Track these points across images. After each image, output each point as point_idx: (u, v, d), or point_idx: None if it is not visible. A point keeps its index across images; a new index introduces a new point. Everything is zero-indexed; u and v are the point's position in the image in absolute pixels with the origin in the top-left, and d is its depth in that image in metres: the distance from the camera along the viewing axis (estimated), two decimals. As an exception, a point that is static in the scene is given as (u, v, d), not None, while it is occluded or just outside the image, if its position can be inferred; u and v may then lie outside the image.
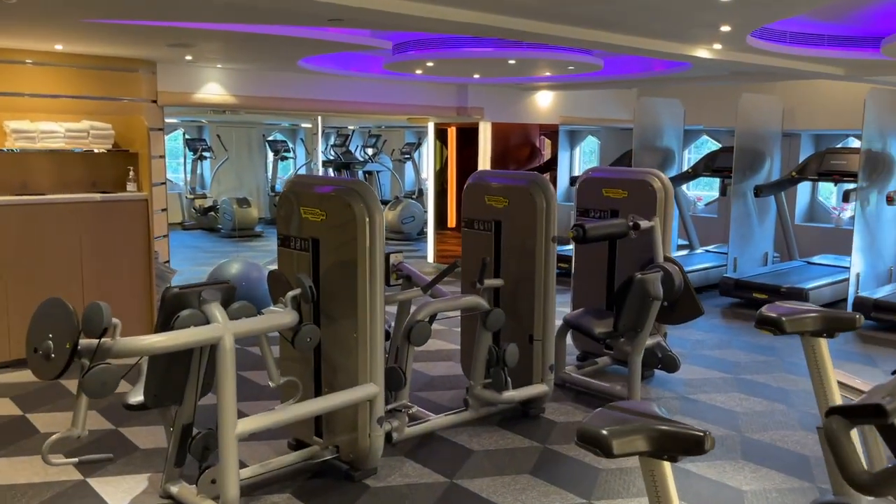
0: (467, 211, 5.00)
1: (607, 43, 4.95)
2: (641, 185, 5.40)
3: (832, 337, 2.66)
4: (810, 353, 2.68)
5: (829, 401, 2.68)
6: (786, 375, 5.63)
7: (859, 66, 6.48)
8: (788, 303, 2.79)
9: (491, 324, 4.39)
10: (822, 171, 8.55)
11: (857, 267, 7.57)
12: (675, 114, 9.50)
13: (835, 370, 3.62)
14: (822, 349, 2.67)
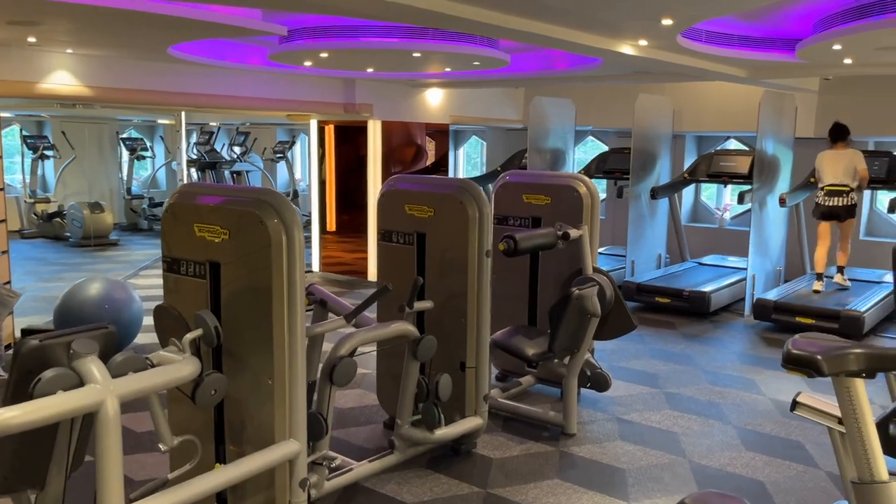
0: (384, 222, 4.38)
1: (538, 34, 4.50)
2: (566, 191, 4.99)
3: (872, 377, 2.27)
4: (846, 396, 2.28)
5: (869, 460, 2.29)
6: (710, 387, 5.43)
7: (764, 67, 6.45)
8: (818, 336, 2.40)
9: (422, 353, 3.80)
10: (712, 173, 8.62)
11: (754, 268, 7.64)
12: (567, 114, 9.29)
13: (805, 395, 3.34)
14: (859, 391, 2.28)
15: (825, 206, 7.20)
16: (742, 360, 6.12)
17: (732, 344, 6.61)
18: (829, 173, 7.20)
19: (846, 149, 7.22)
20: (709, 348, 6.43)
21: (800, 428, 4.66)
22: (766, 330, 7.06)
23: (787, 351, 2.27)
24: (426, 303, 4.01)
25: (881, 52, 5.19)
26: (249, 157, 14.36)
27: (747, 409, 5.00)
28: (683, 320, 7.37)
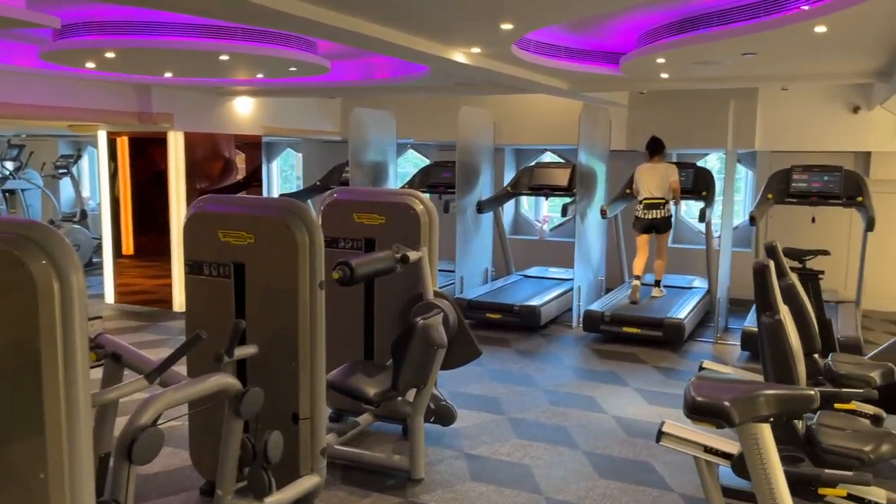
0: (192, 250, 3.68)
1: (366, 35, 4.03)
2: (402, 209, 4.56)
3: (779, 422, 2.01)
4: (752, 443, 2.02)
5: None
6: (553, 408, 5.24)
7: (587, 80, 6.45)
8: (715, 374, 2.13)
9: (247, 409, 3.17)
10: (534, 186, 8.64)
11: (579, 279, 7.69)
12: (388, 126, 8.92)
13: (670, 424, 3.14)
14: (766, 436, 2.03)
15: (645, 219, 7.40)
16: (578, 375, 6.03)
17: (567, 358, 6.53)
18: (646, 186, 7.40)
19: (662, 162, 7.48)
20: (545, 365, 6.29)
21: (646, 447, 4.56)
22: (596, 341, 7.09)
23: (690, 399, 1.96)
24: (249, 348, 3.38)
25: (699, 66, 5.31)
26: (25, 173, 12.52)
27: (593, 430, 4.85)
28: (516, 335, 7.22)
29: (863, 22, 3.68)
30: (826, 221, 8.01)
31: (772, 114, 8.26)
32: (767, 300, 2.83)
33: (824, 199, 7.30)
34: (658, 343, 6.86)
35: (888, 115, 7.54)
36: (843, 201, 7.23)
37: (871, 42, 4.23)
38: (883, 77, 5.65)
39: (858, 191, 7.16)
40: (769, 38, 4.18)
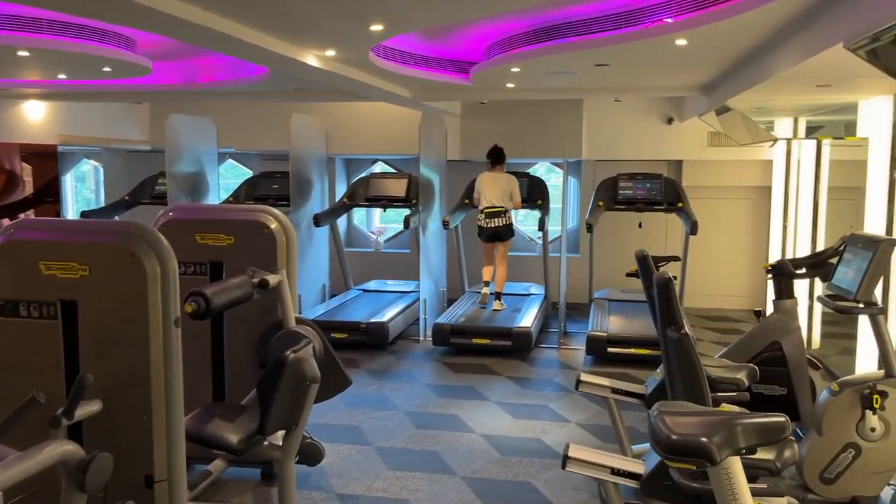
0: (5, 289, 2.97)
1: (212, 30, 3.51)
2: (254, 228, 4.08)
3: (753, 453, 1.87)
4: (724, 477, 1.87)
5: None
6: (420, 432, 4.98)
7: (433, 88, 6.27)
8: (676, 407, 1.97)
9: (94, 480, 2.57)
10: (371, 197, 8.35)
11: (425, 292, 7.51)
12: (207, 135, 8.21)
13: (576, 450, 3.01)
14: (737, 469, 1.89)
15: (487, 227, 7.38)
16: (438, 393, 5.82)
17: (422, 376, 6.30)
18: (487, 195, 7.39)
19: (503, 172, 7.51)
20: (401, 385, 6.02)
21: (521, 466, 4.44)
22: (446, 354, 6.94)
23: (665, 439, 1.78)
24: (91, 405, 2.77)
25: (550, 76, 5.32)
26: None
27: (465, 452, 4.64)
28: (364, 355, 6.88)
29: (720, 37, 3.81)
30: (649, 226, 8.50)
31: (595, 124, 8.63)
32: (672, 314, 2.78)
33: (649, 206, 7.73)
34: (506, 352, 6.84)
35: (699, 125, 8.14)
36: (665, 207, 7.69)
37: (719, 56, 4.43)
38: (706, 90, 6.02)
39: (678, 197, 7.65)
40: (626, 50, 4.23)
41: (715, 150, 8.33)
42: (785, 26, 3.51)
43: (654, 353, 6.47)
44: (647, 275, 3.96)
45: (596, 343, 6.59)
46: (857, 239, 3.88)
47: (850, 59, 3.01)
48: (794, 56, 3.57)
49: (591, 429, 5.04)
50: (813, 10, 3.14)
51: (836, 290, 3.92)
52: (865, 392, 3.73)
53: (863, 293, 3.64)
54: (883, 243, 3.60)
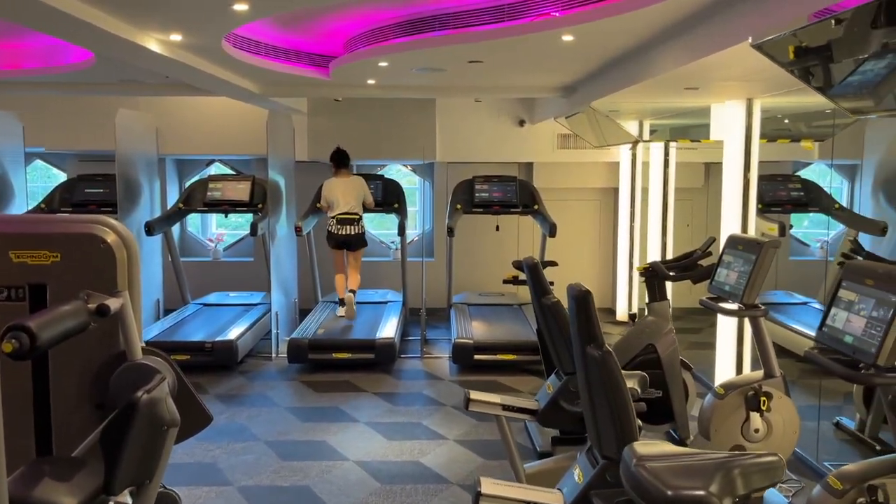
0: None
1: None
2: (86, 242, 3.37)
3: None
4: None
5: None
6: (286, 464, 4.47)
7: (286, 83, 5.73)
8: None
9: None
10: (210, 201, 7.62)
11: (277, 304, 6.93)
12: (12, 132, 7.12)
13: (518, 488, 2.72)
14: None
15: (338, 234, 6.95)
16: (301, 417, 5.31)
17: (279, 398, 5.75)
18: (338, 201, 6.96)
19: (350, 175, 7.11)
20: (258, 410, 5.44)
21: (405, 495, 4.08)
22: (304, 372, 6.42)
23: (661, 496, 1.50)
24: None
25: (420, 73, 5.00)
26: None
27: (341, 484, 4.21)
28: (211, 378, 6.19)
29: (608, 34, 3.68)
30: (506, 228, 8.44)
31: (448, 125, 8.44)
32: (592, 330, 2.55)
33: (505, 208, 7.66)
34: (369, 366, 6.45)
35: (549, 128, 8.20)
36: (521, 209, 7.65)
37: (601, 55, 4.32)
38: (567, 91, 5.99)
39: (533, 199, 7.64)
40: (506, 46, 4.01)
41: (564, 152, 8.43)
42: (679, 23, 3.42)
43: (522, 358, 6.38)
44: (538, 283, 3.75)
45: (463, 351, 6.37)
46: (737, 241, 3.91)
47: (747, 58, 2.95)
48: (684, 55, 3.51)
49: (471, 445, 4.78)
50: (715, 6, 3.06)
51: (719, 292, 3.93)
52: (750, 394, 3.76)
53: (748, 296, 3.65)
54: (765, 246, 3.63)
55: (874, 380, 2.47)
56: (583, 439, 4.66)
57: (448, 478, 4.28)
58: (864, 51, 2.72)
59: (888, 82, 2.80)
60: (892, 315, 2.44)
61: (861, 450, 4.55)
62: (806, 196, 7.43)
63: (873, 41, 2.64)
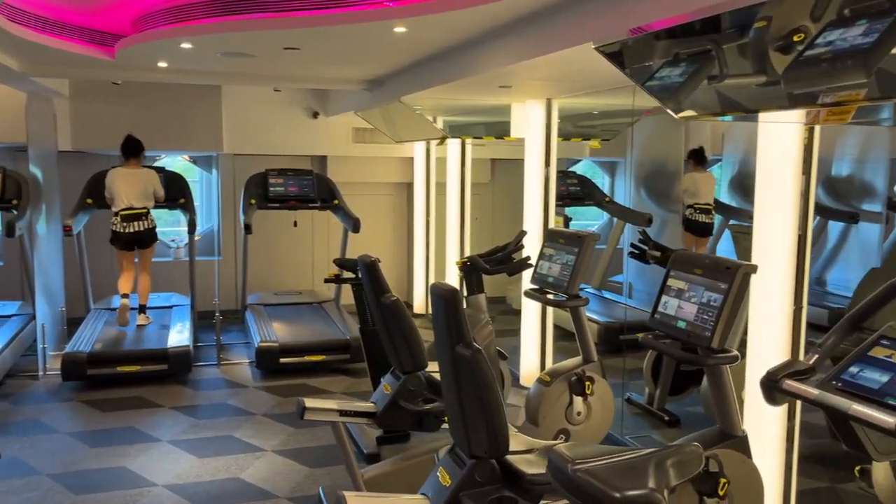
0: None
1: None
2: None
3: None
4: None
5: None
6: (82, 499, 3.89)
7: (58, 62, 4.96)
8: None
9: None
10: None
11: (42, 316, 6.05)
12: None
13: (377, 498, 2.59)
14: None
15: (125, 233, 6.23)
16: (89, 442, 4.67)
17: (59, 423, 5.00)
18: (124, 196, 6.24)
19: (140, 167, 6.40)
20: (33, 439, 4.69)
21: (231, 514, 3.76)
22: (84, 390, 5.66)
23: (609, 499, 1.47)
24: None
25: (224, 58, 4.59)
26: None
27: (154, 513, 3.77)
28: (-37, 406, 5.24)
29: (443, 29, 3.64)
30: (304, 225, 8.16)
31: (235, 115, 7.93)
32: (461, 329, 2.49)
33: (303, 203, 7.39)
34: (161, 377, 5.86)
35: (343, 121, 8.04)
36: (319, 205, 7.43)
37: (430, 49, 4.26)
38: (374, 85, 5.89)
39: (332, 194, 7.46)
40: (332, 34, 3.81)
41: (360, 146, 8.33)
42: (517, 21, 3.48)
43: (331, 358, 6.19)
44: (376, 282, 3.63)
45: (267, 354, 6.03)
46: (557, 234, 4.10)
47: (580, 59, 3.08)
48: (521, 53, 3.57)
49: (292, 455, 4.53)
50: (559, 6, 3.14)
51: (542, 283, 4.09)
52: (574, 379, 3.97)
53: (572, 287, 3.84)
54: (586, 239, 3.85)
55: (709, 361, 2.69)
56: (407, 436, 4.66)
57: (274, 492, 4.01)
58: (667, 60, 2.97)
59: (685, 87, 3.07)
60: (723, 301, 2.68)
61: (651, 421, 5.03)
62: (582, 190, 8.05)
63: (671, 52, 2.90)
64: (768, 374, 1.87)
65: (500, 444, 2.50)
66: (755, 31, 2.54)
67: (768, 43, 2.48)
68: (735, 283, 2.67)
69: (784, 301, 3.25)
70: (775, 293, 3.25)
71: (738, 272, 2.68)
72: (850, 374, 1.85)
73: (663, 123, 7.70)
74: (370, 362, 4.68)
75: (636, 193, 8.55)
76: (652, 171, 8.36)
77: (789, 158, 3.20)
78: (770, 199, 3.29)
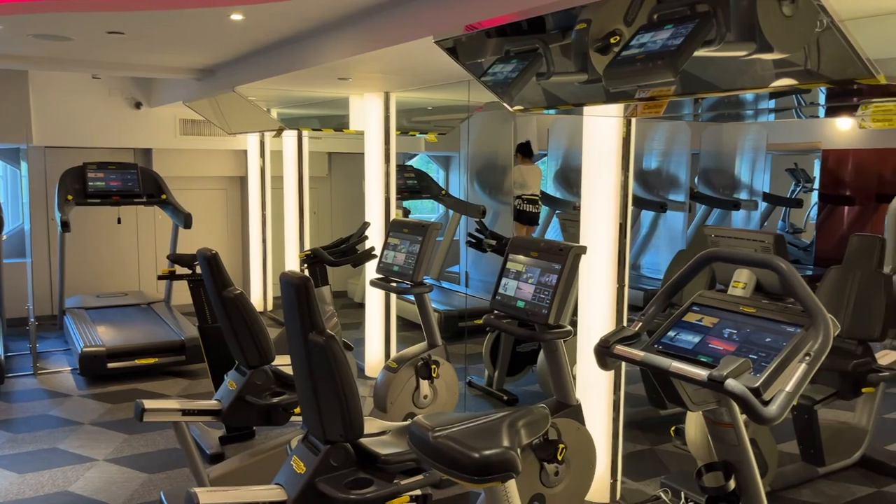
0: None
1: None
2: None
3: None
4: (502, 496, 1.73)
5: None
6: None
7: None
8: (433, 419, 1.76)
9: None
10: None
11: None
12: None
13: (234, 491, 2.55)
14: (512, 489, 1.76)
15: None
16: None
17: None
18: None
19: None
20: None
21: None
22: None
23: (470, 460, 1.57)
24: None
25: (38, 40, 4.22)
26: None
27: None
28: None
29: (281, 17, 3.59)
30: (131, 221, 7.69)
31: (45, 104, 7.31)
32: (313, 317, 2.49)
33: (127, 199, 6.95)
34: (-33, 392, 5.31)
35: (169, 112, 7.65)
36: (146, 200, 7.03)
37: (265, 39, 4.17)
38: (204, 74, 5.67)
39: (159, 189, 7.09)
40: (162, 19, 3.64)
41: (188, 138, 7.97)
42: (355, 14, 3.50)
43: (164, 360, 5.89)
44: (218, 276, 3.53)
45: (92, 360, 5.63)
46: (401, 224, 4.19)
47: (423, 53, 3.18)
48: (357, 45, 3.61)
49: (127, 462, 4.28)
50: (395, 1, 3.21)
51: (387, 272, 4.17)
52: (420, 364, 4.08)
53: (417, 275, 3.95)
54: (429, 228, 3.97)
55: (546, 336, 2.90)
56: (251, 434, 4.57)
57: (109, 502, 3.79)
58: (499, 56, 3.16)
59: (517, 83, 3.27)
60: (557, 280, 2.90)
61: (492, 401, 5.28)
62: (419, 184, 8.24)
63: (503, 49, 3.10)
64: (601, 341, 2.06)
65: (355, 427, 2.54)
66: (576, 33, 2.77)
67: (588, 44, 2.71)
68: (567, 264, 2.89)
69: (608, 281, 3.55)
70: (601, 275, 3.55)
71: (569, 253, 2.91)
72: (668, 338, 2.09)
73: (494, 119, 8.09)
74: (210, 361, 4.53)
75: (470, 186, 8.88)
76: (484, 165, 8.73)
77: (610, 151, 3.50)
78: (594, 188, 3.58)
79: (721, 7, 2.25)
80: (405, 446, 2.77)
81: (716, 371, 1.74)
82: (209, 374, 4.59)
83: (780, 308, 2.03)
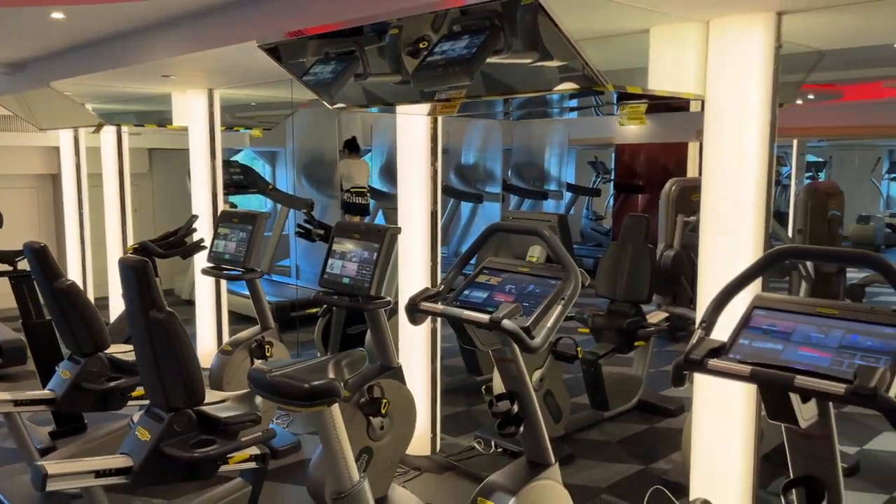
0: None
1: None
2: None
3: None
4: (329, 420, 2.11)
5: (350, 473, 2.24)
6: None
7: None
8: (271, 365, 2.10)
9: None
10: None
11: None
12: None
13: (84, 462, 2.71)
14: (336, 413, 2.15)
15: None
16: None
17: None
18: None
19: None
20: None
21: None
22: None
23: (300, 389, 1.95)
24: None
25: None
26: None
27: None
28: None
29: (102, 20, 3.69)
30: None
31: None
32: (153, 296, 2.71)
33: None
34: None
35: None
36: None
37: (86, 37, 4.19)
38: (16, 68, 5.49)
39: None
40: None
41: (-7, 135, 7.55)
42: (181, 16, 3.69)
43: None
44: (48, 267, 3.59)
45: None
46: (230, 215, 4.42)
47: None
48: (183, 46, 3.80)
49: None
50: (220, 6, 3.45)
51: (218, 261, 4.38)
52: (254, 345, 4.35)
53: (248, 261, 4.21)
54: (258, 217, 4.24)
55: (368, 306, 3.31)
56: (83, 427, 4.59)
57: (-67, 504, 3.72)
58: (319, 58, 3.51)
59: (336, 83, 3.65)
60: (377, 257, 3.32)
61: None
62: (245, 179, 8.36)
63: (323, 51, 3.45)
64: (410, 300, 2.50)
65: (196, 394, 2.81)
66: (390, 37, 3.17)
67: (401, 47, 3.13)
68: (385, 243, 3.32)
69: (424, 260, 4.03)
70: (417, 255, 4.03)
71: (386, 233, 3.34)
72: (464, 295, 2.58)
73: (320, 116, 8.38)
74: (37, 357, 4.50)
75: (298, 181, 9.11)
76: (311, 160, 8.99)
77: (421, 146, 3.97)
78: (409, 180, 4.04)
79: (508, 21, 2.72)
80: (245, 409, 3.07)
81: (494, 314, 2.24)
82: (36, 371, 4.55)
83: (547, 267, 2.58)
